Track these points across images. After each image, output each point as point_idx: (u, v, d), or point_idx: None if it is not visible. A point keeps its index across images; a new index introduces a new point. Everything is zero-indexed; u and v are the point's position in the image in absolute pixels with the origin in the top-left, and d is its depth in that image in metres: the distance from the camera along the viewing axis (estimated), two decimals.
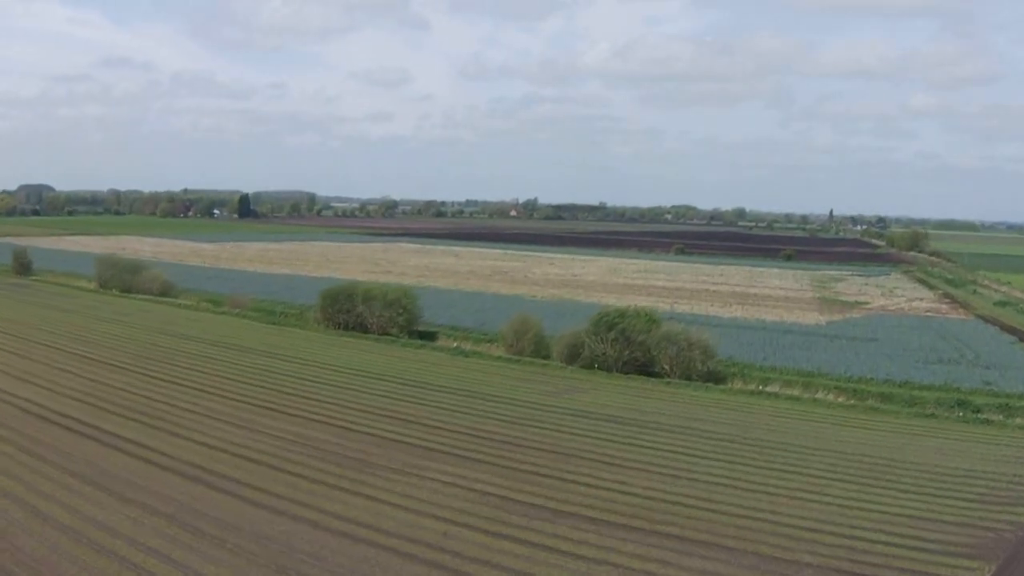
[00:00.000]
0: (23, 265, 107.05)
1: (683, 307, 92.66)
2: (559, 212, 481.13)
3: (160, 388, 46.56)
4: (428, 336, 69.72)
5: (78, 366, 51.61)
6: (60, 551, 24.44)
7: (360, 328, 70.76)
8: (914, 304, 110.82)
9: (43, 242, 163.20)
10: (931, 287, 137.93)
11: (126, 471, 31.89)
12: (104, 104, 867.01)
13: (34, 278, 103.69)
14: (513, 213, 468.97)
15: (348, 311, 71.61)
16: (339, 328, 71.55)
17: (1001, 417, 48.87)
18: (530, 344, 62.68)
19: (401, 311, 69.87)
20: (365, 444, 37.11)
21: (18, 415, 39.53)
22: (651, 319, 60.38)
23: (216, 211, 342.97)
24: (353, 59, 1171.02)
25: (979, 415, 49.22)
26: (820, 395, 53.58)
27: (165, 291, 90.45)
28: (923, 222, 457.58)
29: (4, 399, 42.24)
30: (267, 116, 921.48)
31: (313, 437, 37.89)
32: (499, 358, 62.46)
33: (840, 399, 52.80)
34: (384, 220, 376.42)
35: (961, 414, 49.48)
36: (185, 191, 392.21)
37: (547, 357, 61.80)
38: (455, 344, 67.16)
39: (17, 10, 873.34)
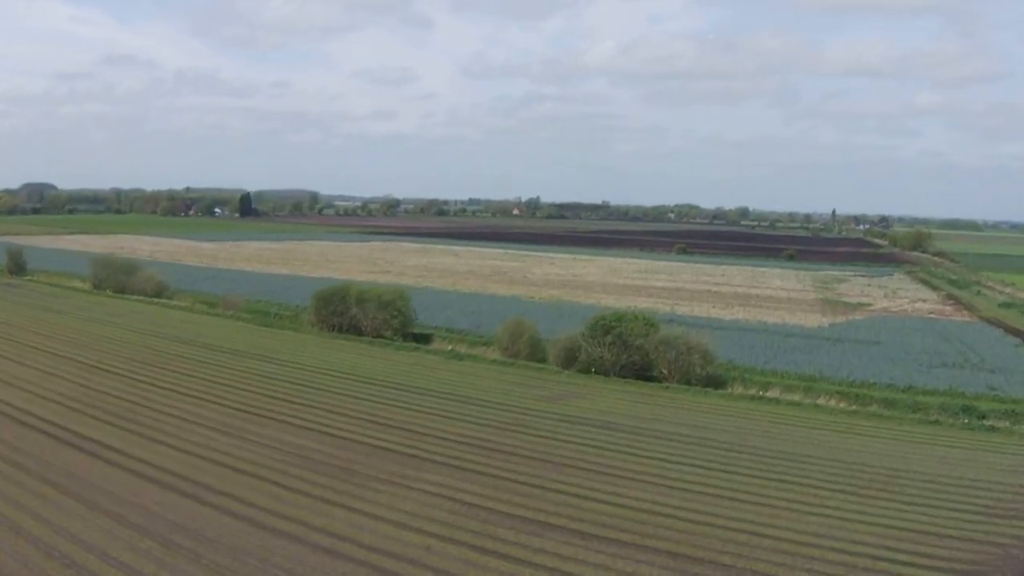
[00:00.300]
0: (18, 264, 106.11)
1: (683, 309, 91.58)
2: (562, 211, 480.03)
3: (147, 392, 45.64)
4: (423, 339, 68.63)
5: (65, 369, 50.65)
6: (31, 565, 23.64)
7: (354, 331, 69.61)
8: (917, 306, 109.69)
9: (41, 241, 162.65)
10: (934, 288, 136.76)
11: (105, 480, 31.00)
12: (107, 102, 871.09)
13: (28, 278, 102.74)
14: (516, 212, 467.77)
15: (342, 313, 70.37)
16: (333, 330, 70.40)
17: (1007, 424, 47.68)
18: (525, 347, 61.52)
19: (395, 313, 68.69)
20: (351, 452, 36.11)
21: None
22: (649, 323, 59.26)
23: (217, 210, 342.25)
24: (355, 57, 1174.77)
25: (984, 421, 48.01)
26: (821, 400, 52.40)
27: (160, 292, 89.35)
28: (926, 221, 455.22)
29: None
30: (270, 114, 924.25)
31: (299, 444, 36.90)
32: (494, 361, 61.37)
33: (842, 405, 51.64)
34: (386, 219, 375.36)
35: (966, 421, 48.20)
36: (187, 190, 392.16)
37: (543, 360, 60.63)
38: (450, 347, 66.06)
39: (19, 8, 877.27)
